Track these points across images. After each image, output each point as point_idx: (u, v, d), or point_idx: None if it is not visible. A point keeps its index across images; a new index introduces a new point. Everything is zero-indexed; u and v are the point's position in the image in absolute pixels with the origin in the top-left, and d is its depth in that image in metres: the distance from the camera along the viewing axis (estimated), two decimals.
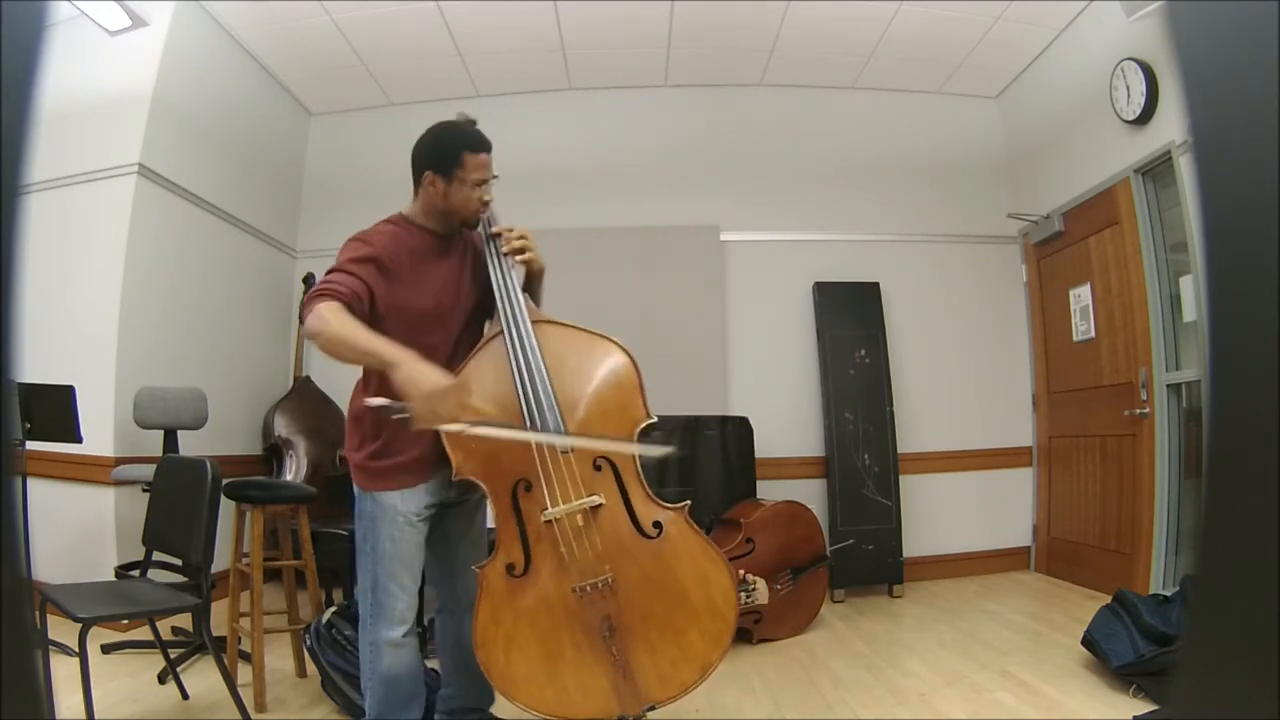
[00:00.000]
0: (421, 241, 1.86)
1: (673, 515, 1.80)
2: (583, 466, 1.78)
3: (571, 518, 1.74)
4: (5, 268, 0.39)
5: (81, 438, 2.86)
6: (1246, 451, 0.38)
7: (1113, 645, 2.52)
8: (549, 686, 1.76)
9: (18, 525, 0.42)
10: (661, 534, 1.79)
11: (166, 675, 2.57)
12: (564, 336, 1.86)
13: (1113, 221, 3.82)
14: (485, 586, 1.78)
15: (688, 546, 1.79)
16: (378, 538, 1.81)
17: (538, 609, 1.76)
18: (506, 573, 1.77)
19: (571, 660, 1.75)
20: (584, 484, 1.77)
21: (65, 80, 3.49)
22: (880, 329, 4.38)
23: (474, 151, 1.80)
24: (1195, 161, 0.39)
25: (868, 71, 4.58)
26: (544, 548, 1.76)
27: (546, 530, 1.75)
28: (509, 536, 1.77)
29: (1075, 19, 3.98)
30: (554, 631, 1.76)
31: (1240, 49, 0.38)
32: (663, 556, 1.78)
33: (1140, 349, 3.62)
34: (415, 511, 1.82)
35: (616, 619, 1.74)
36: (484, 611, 1.77)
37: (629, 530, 1.78)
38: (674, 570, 1.78)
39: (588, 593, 1.73)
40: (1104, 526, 3.87)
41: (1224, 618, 0.39)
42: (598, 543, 1.75)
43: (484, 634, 1.76)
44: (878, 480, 4.16)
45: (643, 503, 1.79)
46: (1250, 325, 0.37)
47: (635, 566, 1.77)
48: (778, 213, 4.66)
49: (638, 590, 1.76)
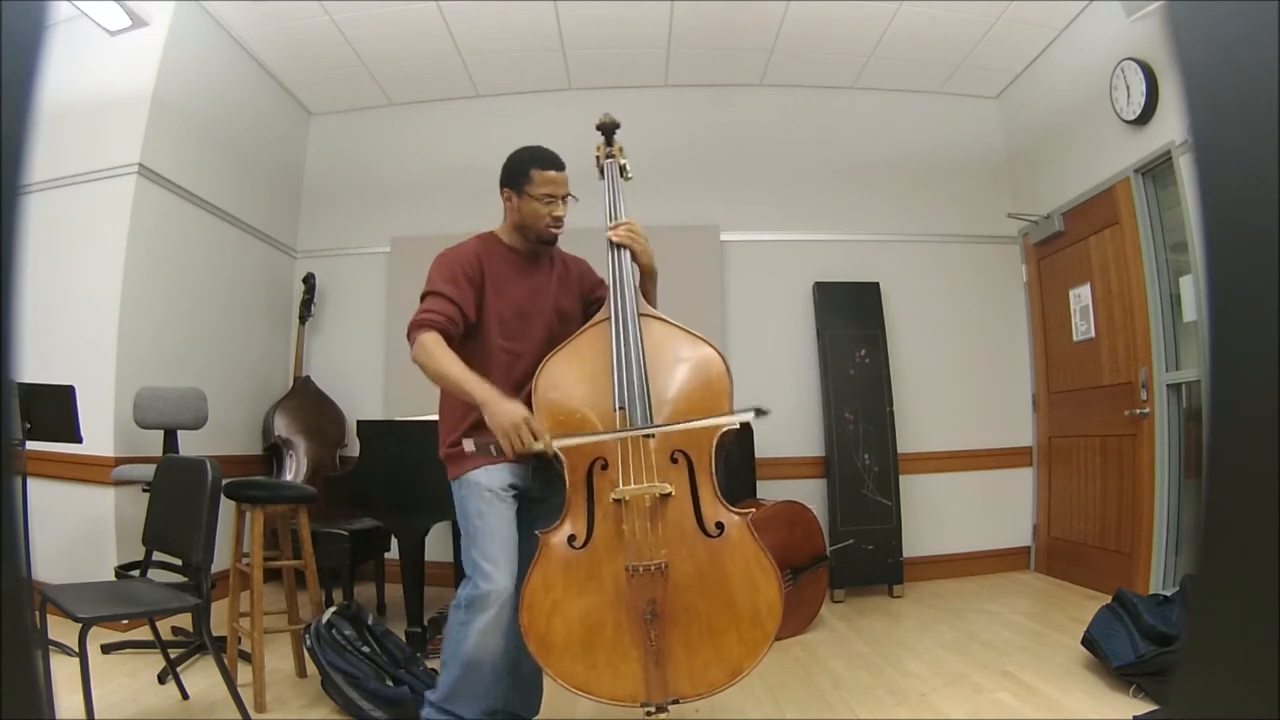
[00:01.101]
0: (506, 257, 2.00)
1: (737, 520, 1.84)
2: (660, 456, 1.83)
3: (639, 500, 1.80)
4: (5, 268, 0.39)
5: (81, 438, 2.86)
6: (1246, 451, 0.38)
7: (1113, 645, 2.52)
8: (581, 661, 1.79)
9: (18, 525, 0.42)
10: (722, 535, 1.83)
11: (166, 675, 2.57)
12: (666, 332, 1.95)
13: (1113, 221, 3.82)
14: (544, 552, 1.82)
15: (744, 552, 1.83)
16: (467, 517, 1.88)
17: (588, 583, 1.81)
18: (568, 542, 1.82)
19: (610, 639, 1.79)
20: (658, 472, 1.83)
21: (65, 80, 3.49)
22: (880, 329, 4.38)
23: (542, 168, 1.96)
24: (1195, 161, 0.39)
25: (868, 71, 4.58)
26: (608, 525, 1.82)
27: (613, 509, 1.81)
28: (577, 509, 1.83)
29: (1075, 19, 3.98)
30: (600, 608, 1.80)
31: (1240, 49, 0.38)
32: (718, 556, 1.82)
33: (1140, 349, 3.62)
34: (501, 486, 1.88)
35: (661, 605, 1.77)
36: (537, 575, 1.81)
37: (692, 524, 1.83)
38: (726, 572, 1.82)
39: (639, 574, 1.78)
40: (1104, 526, 3.87)
41: (1224, 618, 0.39)
42: (659, 529, 1.80)
43: (532, 596, 1.80)
44: (878, 480, 4.16)
45: (710, 502, 1.84)
46: (1250, 325, 0.37)
47: (690, 559, 1.81)
48: (778, 213, 4.66)
49: (688, 583, 1.80)
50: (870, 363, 4.32)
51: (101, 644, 2.92)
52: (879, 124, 4.76)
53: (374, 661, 2.47)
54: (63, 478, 3.33)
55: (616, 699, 1.78)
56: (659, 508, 1.82)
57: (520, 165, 1.97)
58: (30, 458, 3.18)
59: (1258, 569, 0.37)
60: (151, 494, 2.54)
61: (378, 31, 4.10)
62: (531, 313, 2.00)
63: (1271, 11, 0.37)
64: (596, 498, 1.83)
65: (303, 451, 4.27)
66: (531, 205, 1.97)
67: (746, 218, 4.64)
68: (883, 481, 4.16)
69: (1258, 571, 0.37)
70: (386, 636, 2.60)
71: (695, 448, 1.85)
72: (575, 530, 1.83)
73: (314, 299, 4.68)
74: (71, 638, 2.02)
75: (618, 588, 1.79)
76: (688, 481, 1.85)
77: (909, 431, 4.37)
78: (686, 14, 4.06)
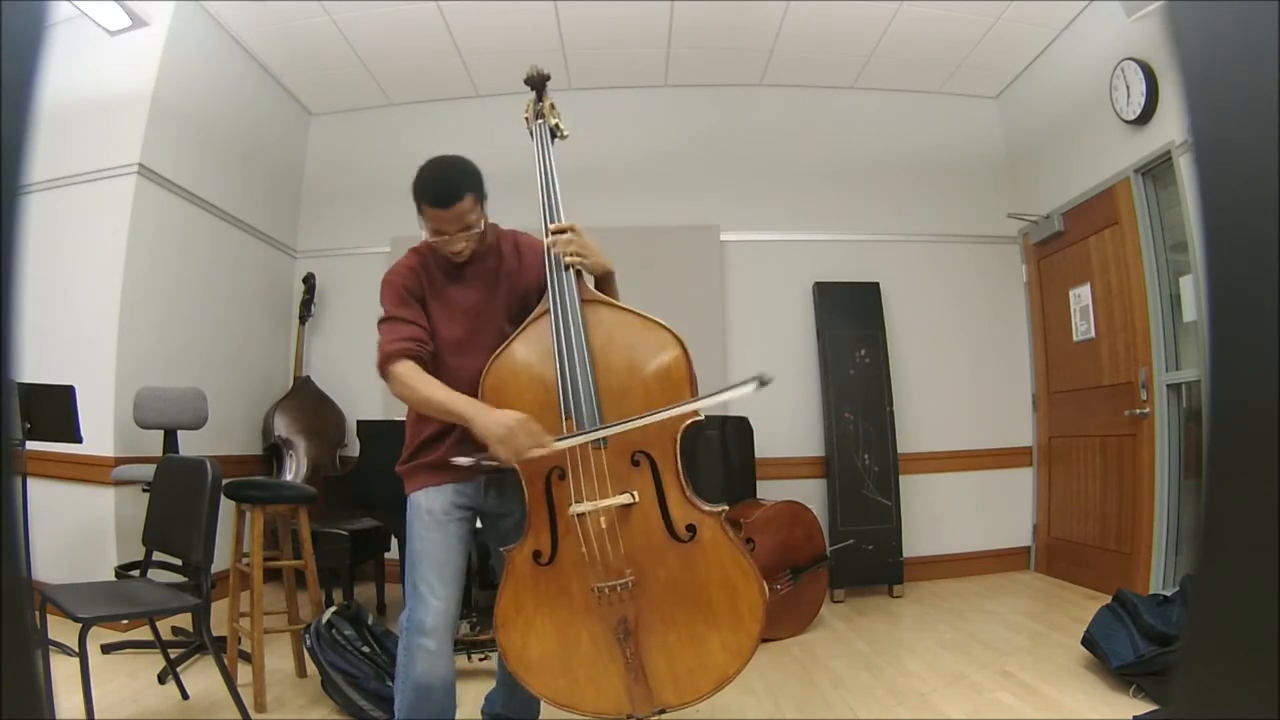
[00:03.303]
0: (443, 265, 1.87)
1: (708, 520, 1.72)
2: (619, 461, 1.71)
3: (595, 517, 1.69)
4: (5, 268, 0.39)
5: (81, 438, 2.86)
6: (1246, 451, 0.38)
7: (1113, 645, 2.52)
8: (562, 676, 1.75)
9: (18, 525, 0.42)
10: (694, 538, 1.71)
11: (166, 675, 2.57)
12: (614, 320, 1.77)
13: (1113, 221, 3.82)
14: (511, 570, 1.76)
15: (719, 554, 1.72)
16: (410, 538, 1.82)
17: (559, 599, 1.74)
18: (533, 559, 1.75)
19: (588, 654, 1.74)
20: (619, 480, 1.70)
21: (65, 80, 3.49)
22: (880, 329, 4.38)
23: (430, 204, 1.76)
24: (1195, 161, 0.39)
25: (868, 71, 4.58)
26: (571, 540, 1.72)
27: (574, 523, 1.70)
28: (539, 523, 1.75)
29: (1075, 19, 3.98)
30: (572, 625, 1.74)
31: (1240, 49, 0.38)
32: (691, 562, 1.71)
33: (1140, 349, 3.62)
34: (443, 508, 1.81)
35: (634, 622, 1.70)
36: (507, 594, 1.76)
37: (660, 531, 1.72)
38: (701, 577, 1.71)
39: (606, 594, 1.70)
40: (1104, 526, 3.87)
41: (1224, 618, 0.39)
42: (620, 544, 1.70)
43: (504, 616, 1.75)
44: (878, 480, 4.16)
45: (679, 504, 1.72)
46: (1250, 325, 0.37)
47: (661, 569, 1.71)
48: (778, 213, 4.67)
49: (661, 594, 1.71)
50: (870, 363, 4.32)
51: (101, 644, 2.92)
52: (879, 124, 4.77)
53: (374, 661, 2.47)
54: (63, 478, 3.33)
55: (602, 712, 1.74)
56: (622, 518, 1.70)
57: (416, 194, 1.79)
58: (30, 458, 3.17)
59: (1258, 569, 0.37)
60: (151, 494, 2.54)
61: (378, 31, 4.10)
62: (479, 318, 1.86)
63: (1271, 11, 0.37)
64: (557, 510, 1.73)
65: (303, 451, 4.27)
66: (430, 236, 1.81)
67: (746, 218, 4.64)
68: (883, 481, 4.16)
69: (1258, 571, 0.37)
70: (386, 636, 2.60)
71: (657, 447, 1.71)
72: (539, 546, 1.74)
73: (314, 299, 4.68)
74: (71, 638, 2.03)
75: (588, 603, 1.71)
76: (652, 485, 1.71)
77: (909, 431, 4.37)
78: (686, 14, 4.05)
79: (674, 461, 1.72)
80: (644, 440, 1.70)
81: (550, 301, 1.76)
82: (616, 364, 1.75)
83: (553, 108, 1.96)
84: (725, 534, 1.72)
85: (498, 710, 2.06)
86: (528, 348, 1.78)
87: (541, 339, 1.77)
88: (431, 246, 1.84)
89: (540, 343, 1.77)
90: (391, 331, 1.78)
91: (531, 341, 1.78)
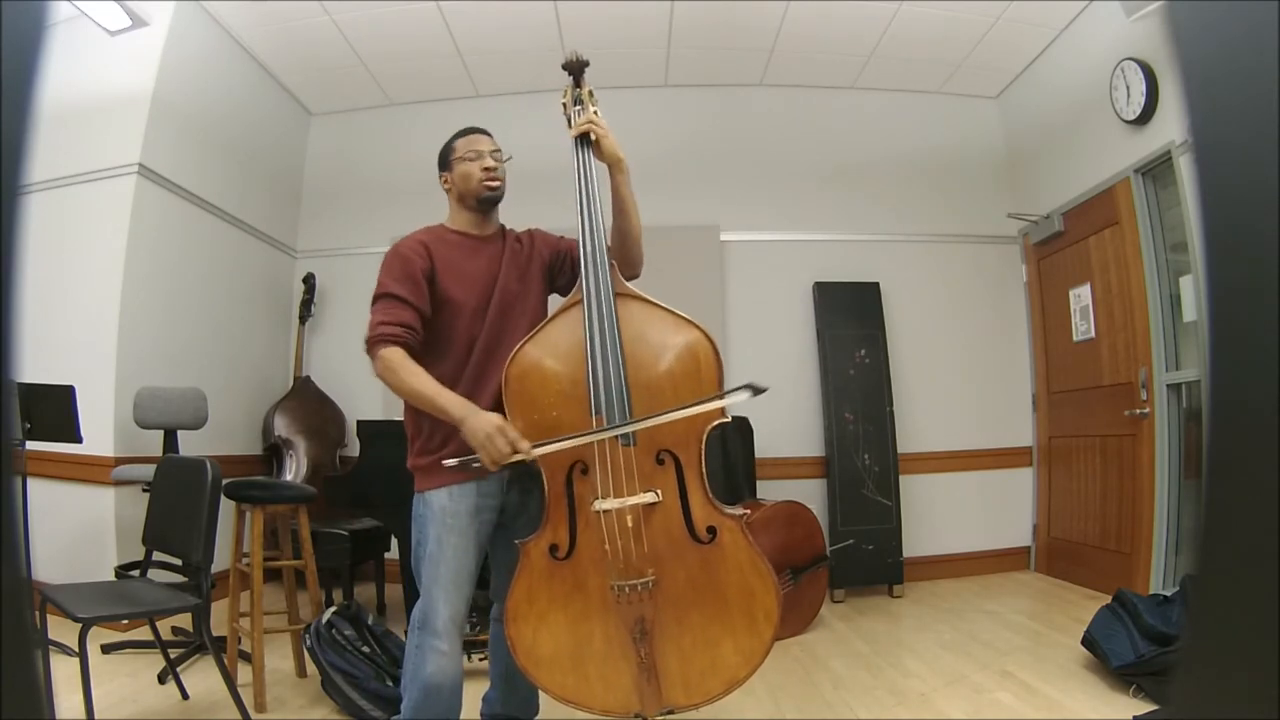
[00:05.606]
0: (455, 242, 1.89)
1: (730, 523, 1.71)
2: (644, 459, 1.69)
3: (621, 514, 1.67)
4: (5, 268, 0.39)
5: (81, 438, 2.86)
6: (1246, 451, 0.38)
7: (1113, 645, 2.52)
8: (571, 673, 1.73)
9: (18, 525, 0.42)
10: (714, 540, 1.70)
11: (166, 675, 2.57)
12: (646, 316, 1.76)
13: (1113, 221, 3.82)
14: (526, 563, 1.73)
15: (738, 558, 1.70)
16: (424, 538, 1.78)
17: (573, 595, 1.72)
18: (549, 553, 1.72)
19: (599, 652, 1.72)
20: (643, 478, 1.69)
21: (65, 80, 3.49)
22: (880, 329, 4.38)
23: (464, 135, 1.93)
24: (1195, 161, 0.39)
25: (868, 71, 4.58)
26: (590, 535, 1.70)
27: (595, 519, 1.68)
28: (558, 517, 1.72)
29: (1075, 19, 3.98)
30: (586, 621, 1.71)
31: (1240, 49, 0.38)
32: (710, 564, 1.70)
33: (1140, 349, 3.62)
34: (467, 511, 1.77)
35: (650, 622, 1.69)
36: (520, 587, 1.73)
37: (681, 532, 1.70)
38: (719, 580, 1.70)
39: (625, 593, 1.68)
40: (1104, 526, 3.87)
41: (1224, 618, 0.39)
42: (644, 543, 1.68)
43: (516, 609, 1.73)
44: (878, 480, 4.16)
45: (701, 505, 1.71)
46: (1250, 325, 0.37)
47: (681, 570, 1.70)
48: (778, 213, 4.66)
49: (679, 595, 1.70)
50: (870, 363, 4.32)
51: (101, 644, 2.92)
52: (879, 124, 4.76)
53: (374, 661, 2.47)
54: (63, 478, 3.33)
55: (609, 710, 1.73)
56: (645, 517, 1.68)
57: (446, 147, 1.95)
58: (30, 458, 3.18)
59: (1258, 569, 0.37)
60: (151, 494, 2.54)
61: (378, 31, 4.10)
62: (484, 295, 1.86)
63: (1271, 11, 0.37)
64: (578, 505, 1.71)
65: (303, 451, 4.27)
66: (462, 169, 1.88)
67: (746, 218, 4.64)
68: (883, 481, 4.16)
69: (1258, 571, 0.37)
70: (386, 636, 2.60)
71: (683, 446, 1.70)
72: (557, 540, 1.72)
73: (314, 299, 4.68)
74: (71, 638, 2.03)
75: (605, 600, 1.70)
76: (676, 485, 1.70)
77: (909, 431, 4.37)
78: (686, 14, 4.06)
79: (698, 462, 1.71)
80: (670, 439, 1.69)
81: (583, 291, 1.74)
82: (646, 360, 1.72)
83: (591, 94, 1.96)
84: (746, 538, 1.71)
85: (497, 710, 2.05)
86: (556, 337, 1.75)
87: (572, 329, 1.74)
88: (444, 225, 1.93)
89: (570, 333, 1.74)
90: (385, 312, 1.75)
91: (562, 331, 1.75)
